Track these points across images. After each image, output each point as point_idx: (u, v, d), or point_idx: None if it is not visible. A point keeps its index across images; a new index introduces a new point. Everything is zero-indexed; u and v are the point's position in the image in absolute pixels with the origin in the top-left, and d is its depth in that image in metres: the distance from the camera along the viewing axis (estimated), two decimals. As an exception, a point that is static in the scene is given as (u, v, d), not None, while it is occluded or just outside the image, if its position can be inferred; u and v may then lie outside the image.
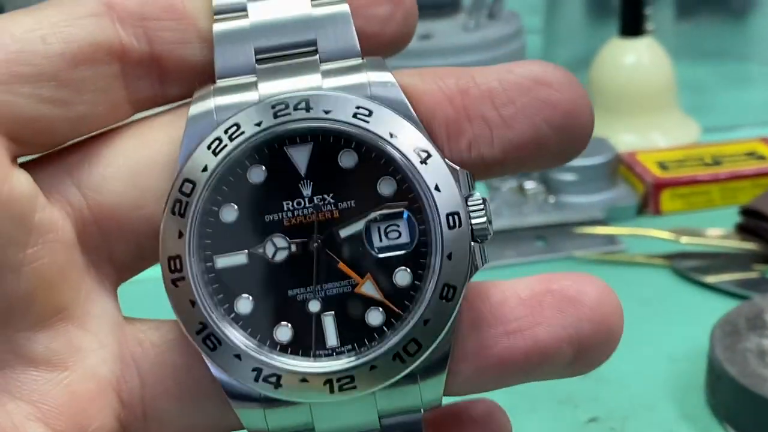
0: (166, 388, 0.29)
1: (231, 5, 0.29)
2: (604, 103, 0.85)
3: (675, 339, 0.59)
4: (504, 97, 0.29)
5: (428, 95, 0.29)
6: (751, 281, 0.64)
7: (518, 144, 0.29)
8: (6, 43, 0.27)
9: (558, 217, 0.73)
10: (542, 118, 0.29)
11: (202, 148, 0.28)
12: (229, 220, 0.28)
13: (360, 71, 0.29)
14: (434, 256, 0.28)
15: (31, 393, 0.28)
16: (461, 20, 0.84)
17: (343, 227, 0.28)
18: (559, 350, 0.29)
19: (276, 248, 0.28)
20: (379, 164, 0.28)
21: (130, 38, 0.28)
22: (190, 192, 0.28)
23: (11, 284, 0.27)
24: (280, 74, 0.28)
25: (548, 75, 0.29)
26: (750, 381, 0.49)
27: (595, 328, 0.29)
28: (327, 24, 0.29)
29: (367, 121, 0.28)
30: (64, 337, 0.29)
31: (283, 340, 0.28)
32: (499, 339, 0.29)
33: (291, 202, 0.28)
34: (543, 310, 0.29)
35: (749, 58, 1.01)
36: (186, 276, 0.28)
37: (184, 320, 0.28)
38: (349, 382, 0.28)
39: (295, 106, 0.28)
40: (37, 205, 0.28)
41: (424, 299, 0.28)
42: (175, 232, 0.28)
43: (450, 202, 0.28)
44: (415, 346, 0.28)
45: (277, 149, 0.28)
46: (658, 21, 0.91)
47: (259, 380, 0.28)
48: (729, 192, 0.75)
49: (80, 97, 0.28)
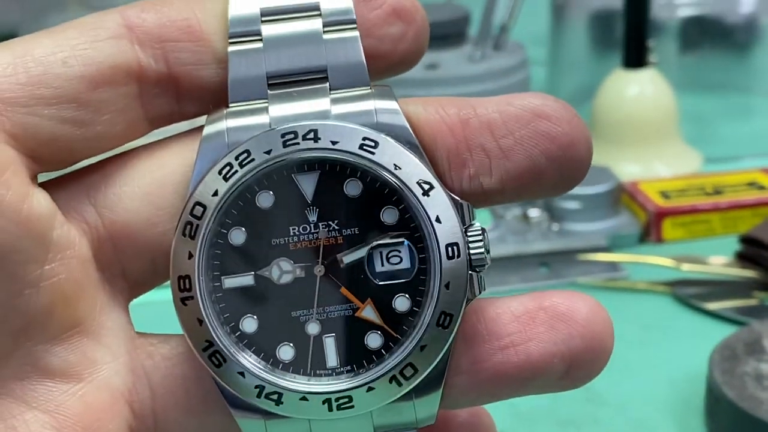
0: (176, 399, 0.30)
1: (246, 31, 0.30)
2: (607, 133, 0.86)
3: (675, 363, 0.60)
4: (503, 129, 0.29)
5: (431, 124, 0.30)
6: (750, 308, 0.65)
7: (516, 174, 0.29)
8: (29, 66, 0.28)
9: (561, 244, 0.74)
10: (540, 151, 0.29)
11: (213, 173, 0.28)
12: (237, 242, 0.29)
13: (368, 99, 0.29)
14: (433, 284, 0.29)
15: (47, 403, 0.29)
16: (467, 51, 0.85)
17: (347, 254, 0.29)
18: (551, 365, 0.30)
19: (282, 271, 0.29)
20: (383, 194, 0.29)
21: (148, 59, 0.29)
22: (201, 215, 0.28)
23: (31, 300, 0.28)
24: (290, 99, 0.29)
25: (547, 108, 0.29)
26: (748, 404, 0.50)
27: (586, 344, 0.30)
28: (338, 52, 0.30)
29: (372, 152, 0.29)
30: (79, 350, 0.29)
31: (286, 359, 0.29)
32: (493, 354, 0.30)
33: (297, 227, 0.29)
34: (535, 327, 0.30)
35: (751, 90, 1.01)
36: (195, 295, 0.28)
37: (192, 338, 0.29)
38: (347, 401, 0.29)
39: (304, 135, 0.28)
40: (55, 222, 0.28)
41: (422, 326, 0.29)
42: (185, 253, 0.28)
43: (450, 233, 0.29)
44: (412, 370, 0.29)
45: (285, 176, 0.29)
46: (662, 53, 0.92)
47: (261, 396, 0.29)
48: (729, 221, 0.76)
49: (99, 118, 0.29)
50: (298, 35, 0.30)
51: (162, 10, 0.30)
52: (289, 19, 0.30)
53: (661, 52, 0.91)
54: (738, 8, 1.00)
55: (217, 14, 0.30)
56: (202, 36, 0.30)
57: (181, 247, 0.29)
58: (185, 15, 0.30)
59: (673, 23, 0.99)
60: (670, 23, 0.99)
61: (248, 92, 0.30)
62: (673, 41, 0.99)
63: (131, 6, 0.30)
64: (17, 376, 0.29)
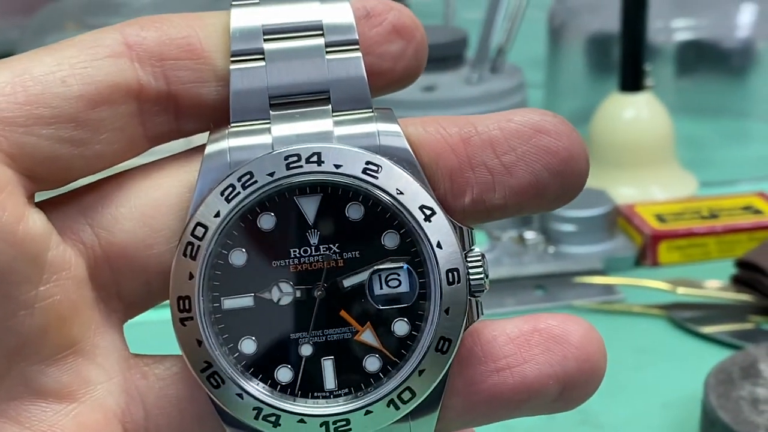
0: (169, 420, 0.30)
1: (248, 49, 0.29)
2: (603, 156, 0.86)
3: (670, 386, 0.59)
4: (505, 145, 0.29)
5: (432, 144, 0.30)
6: (746, 332, 0.65)
7: (519, 190, 0.29)
8: (27, 85, 0.28)
9: (557, 266, 0.74)
10: (542, 165, 0.29)
11: (215, 194, 0.28)
12: (237, 264, 0.28)
13: (370, 122, 0.29)
14: (432, 309, 0.29)
15: (40, 423, 0.29)
16: (465, 73, 0.85)
17: (347, 277, 0.29)
18: (546, 387, 0.30)
19: (282, 293, 0.29)
20: (384, 218, 0.29)
21: (148, 78, 0.29)
22: (202, 236, 0.28)
23: (25, 321, 0.28)
24: (293, 119, 0.29)
25: (547, 123, 0.29)
26: (743, 428, 0.49)
27: (580, 366, 0.30)
28: (341, 73, 0.30)
29: (376, 176, 0.28)
30: (73, 370, 0.29)
31: (284, 381, 0.29)
32: (489, 375, 0.30)
33: (298, 249, 0.29)
34: (530, 349, 0.30)
35: (747, 114, 1.01)
36: (194, 316, 0.28)
37: (191, 358, 0.28)
38: (344, 424, 0.29)
39: (307, 158, 0.28)
40: (50, 243, 0.28)
41: (421, 350, 0.29)
42: (185, 274, 0.28)
43: (450, 258, 0.29)
44: (410, 394, 0.29)
45: (287, 198, 0.29)
46: (659, 77, 0.92)
47: (259, 418, 0.28)
48: (725, 245, 0.76)
49: (97, 137, 0.29)
50: (301, 53, 0.30)
51: (161, 27, 0.29)
52: (291, 38, 0.30)
53: (657, 76, 0.91)
54: (734, 33, 1.00)
55: (217, 31, 0.30)
56: (202, 54, 0.29)
57: (182, 268, 0.28)
58: (185, 33, 0.29)
59: (669, 47, 0.99)
60: (667, 47, 0.99)
61: (250, 111, 0.29)
62: (670, 65, 1.00)
63: (130, 23, 0.29)
64: (10, 397, 0.29)
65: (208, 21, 0.30)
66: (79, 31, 0.96)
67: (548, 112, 0.30)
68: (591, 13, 1.01)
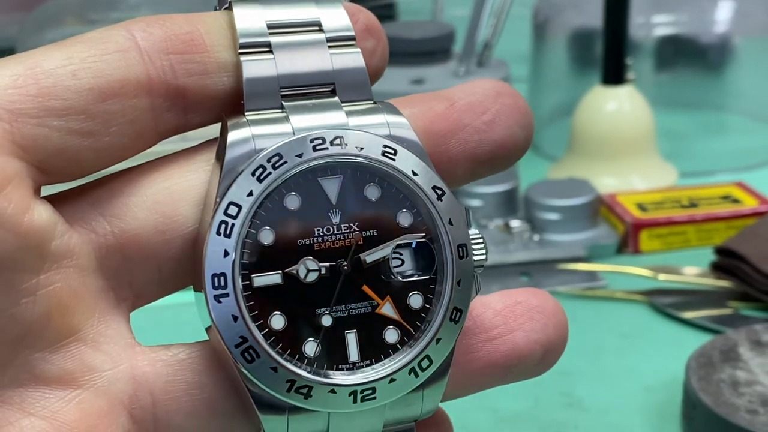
0: (179, 404, 0.30)
1: (256, 42, 0.30)
2: (586, 147, 0.86)
3: (653, 370, 0.59)
4: (481, 107, 0.32)
5: (425, 120, 0.32)
6: (725, 317, 0.65)
7: (502, 144, 0.32)
8: (39, 78, 0.28)
9: (542, 254, 0.74)
10: (513, 121, 0.32)
11: (246, 175, 0.29)
12: (266, 242, 0.29)
13: (379, 113, 0.30)
14: (446, 282, 0.30)
15: (44, 410, 0.28)
16: (452, 67, 0.84)
17: (369, 253, 0.30)
18: (533, 352, 0.32)
19: (308, 270, 0.29)
20: (398, 198, 0.30)
21: (157, 72, 0.29)
22: (236, 215, 0.28)
23: (28, 308, 0.28)
24: (308, 111, 0.30)
25: (502, 87, 0.33)
26: (724, 410, 0.49)
27: (557, 331, 0.33)
28: (344, 67, 0.31)
29: (393, 159, 0.30)
30: (77, 357, 0.29)
31: (311, 354, 0.29)
32: (483, 344, 0.32)
33: (321, 228, 0.29)
34: (516, 319, 0.32)
35: (725, 107, 1.02)
36: (230, 293, 0.28)
37: (226, 334, 0.28)
38: (370, 393, 0.29)
39: (331, 141, 0.29)
40: (55, 233, 0.28)
41: (437, 320, 0.30)
42: (220, 252, 0.28)
43: (460, 235, 0.30)
44: (428, 362, 0.30)
45: (310, 179, 0.29)
46: (639, 72, 0.92)
47: (292, 390, 0.29)
48: (705, 233, 0.76)
49: (107, 129, 0.29)
50: (306, 45, 0.31)
51: (165, 24, 0.29)
52: (294, 32, 0.31)
53: (638, 70, 0.91)
54: (712, 29, 1.00)
55: (219, 27, 0.30)
56: (206, 48, 0.30)
57: (216, 246, 0.28)
58: (188, 29, 0.30)
59: (650, 42, 0.99)
60: (647, 42, 0.99)
61: (263, 101, 0.30)
62: (650, 60, 1.00)
63: (135, 21, 0.30)
64: (14, 384, 0.28)
65: (209, 19, 0.30)
66: (79, 26, 0.95)
67: (496, 80, 0.33)
68: (574, 9, 1.01)
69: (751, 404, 0.49)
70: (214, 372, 0.30)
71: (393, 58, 0.84)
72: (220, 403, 0.30)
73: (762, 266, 0.65)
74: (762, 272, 0.65)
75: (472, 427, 0.54)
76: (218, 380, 0.30)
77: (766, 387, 0.51)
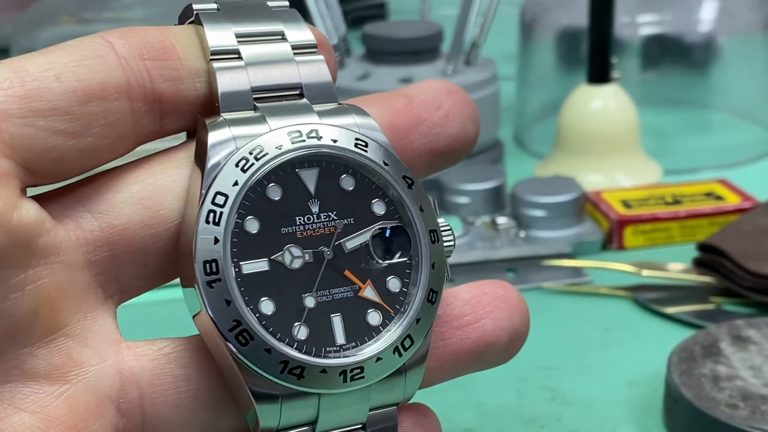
0: (166, 397, 0.30)
1: (226, 49, 0.31)
2: (572, 144, 0.86)
3: (635, 365, 0.59)
4: (436, 104, 0.34)
5: (389, 117, 0.34)
6: (707, 312, 0.65)
7: (457, 137, 0.34)
8: (25, 80, 0.28)
9: (528, 250, 0.74)
10: (465, 115, 0.34)
11: (230, 166, 0.30)
12: (251, 230, 0.30)
13: (347, 114, 0.32)
14: (422, 266, 0.32)
15: (33, 405, 0.29)
16: (440, 66, 0.84)
17: (349, 239, 0.31)
18: (500, 339, 0.34)
19: (293, 257, 0.30)
20: (371, 188, 0.32)
21: (135, 76, 0.30)
22: (223, 203, 0.29)
23: (16, 304, 0.28)
24: (283, 112, 0.31)
25: (451, 85, 0.35)
26: (704, 404, 0.49)
27: (521, 320, 0.34)
28: (310, 72, 0.32)
29: (365, 150, 0.31)
30: (65, 353, 0.29)
31: (301, 337, 0.30)
32: (454, 332, 0.34)
33: (302, 217, 0.31)
34: (484, 307, 0.34)
35: (709, 106, 1.02)
36: (222, 277, 0.29)
37: (219, 319, 0.29)
38: (359, 372, 0.30)
39: (308, 134, 0.30)
40: (42, 230, 0.28)
41: (416, 301, 0.31)
42: (210, 240, 0.29)
43: (431, 221, 0.32)
44: (410, 341, 0.31)
45: (289, 171, 0.30)
46: (625, 70, 0.92)
47: (285, 372, 0.29)
48: (688, 229, 0.76)
49: (90, 130, 0.29)
50: (274, 54, 0.32)
51: (139, 34, 0.30)
52: (261, 42, 0.32)
53: (623, 68, 0.91)
54: (697, 28, 1.00)
55: (188, 37, 0.31)
56: (178, 55, 0.31)
57: (206, 234, 0.29)
58: (160, 38, 0.31)
59: (635, 41, 0.99)
60: (633, 41, 0.99)
61: (237, 103, 0.31)
62: (635, 58, 1.00)
63: (110, 32, 0.30)
64: (3, 380, 0.29)
65: (177, 30, 0.31)
66: (73, 24, 0.95)
67: (444, 80, 0.35)
68: (561, 9, 1.01)
69: (731, 399, 0.49)
70: (200, 364, 0.31)
71: (381, 57, 0.84)
72: (207, 394, 0.30)
73: (744, 262, 0.65)
74: (744, 268, 0.65)
75: (458, 420, 0.54)
76: (204, 372, 0.30)
77: (746, 382, 0.51)
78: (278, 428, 0.31)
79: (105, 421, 0.29)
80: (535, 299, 0.67)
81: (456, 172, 0.77)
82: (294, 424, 0.31)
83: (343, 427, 0.32)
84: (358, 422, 0.32)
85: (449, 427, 0.53)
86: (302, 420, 0.31)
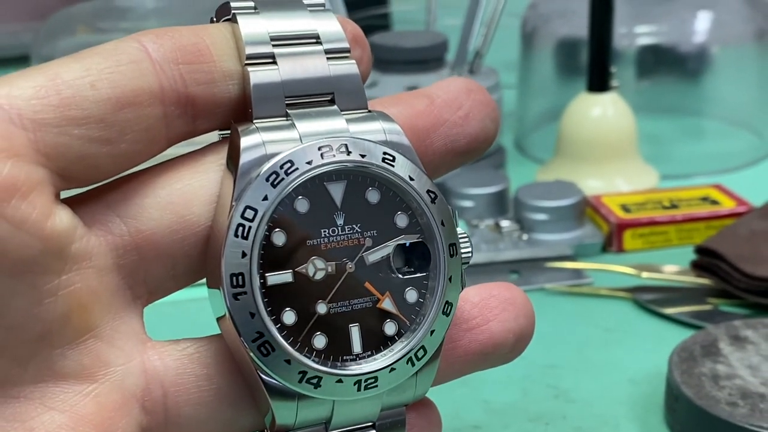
0: (188, 396, 0.30)
1: (261, 53, 0.30)
2: (572, 151, 0.86)
3: (636, 364, 0.59)
4: (457, 103, 0.33)
5: (412, 118, 0.33)
6: (705, 313, 0.64)
7: (476, 136, 0.34)
8: (60, 88, 0.28)
9: (531, 252, 0.73)
10: (485, 114, 0.34)
11: (260, 180, 0.29)
12: (278, 243, 0.29)
13: (375, 120, 0.31)
14: (439, 278, 0.31)
15: (63, 404, 0.29)
16: (445, 74, 0.84)
17: (372, 252, 0.31)
18: (507, 340, 0.34)
19: (316, 268, 0.30)
20: (395, 201, 0.31)
21: (168, 81, 0.29)
22: (252, 218, 0.29)
23: (49, 308, 0.28)
24: (311, 118, 0.31)
25: (472, 85, 0.34)
26: (705, 402, 0.49)
27: (527, 321, 0.34)
28: (342, 78, 0.31)
29: (393, 165, 0.31)
30: (93, 353, 0.29)
31: (319, 347, 0.30)
32: (464, 334, 0.33)
33: (327, 229, 0.30)
34: (491, 310, 0.34)
35: (703, 113, 1.01)
36: (248, 290, 0.29)
37: (243, 330, 0.29)
38: (373, 381, 0.30)
39: (337, 149, 0.30)
40: (75, 237, 0.28)
41: (431, 314, 0.31)
42: (238, 253, 0.29)
43: (450, 234, 0.32)
44: (423, 351, 0.31)
45: (318, 184, 0.30)
46: (622, 79, 0.92)
47: (303, 381, 0.29)
48: (685, 233, 0.75)
49: (123, 137, 0.29)
50: (308, 57, 0.31)
51: (174, 36, 0.30)
52: (296, 44, 0.31)
53: (621, 77, 0.91)
54: (691, 39, 1.00)
55: (223, 38, 0.30)
56: (212, 58, 0.30)
57: (234, 247, 0.29)
58: (194, 40, 0.30)
59: (632, 51, 0.99)
60: (630, 51, 0.99)
61: (270, 109, 0.30)
62: (632, 68, 1.00)
63: (145, 33, 0.30)
64: (35, 380, 0.28)
65: (213, 30, 0.31)
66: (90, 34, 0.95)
67: (465, 79, 0.35)
68: (561, 20, 1.01)
69: (731, 397, 0.49)
70: (221, 365, 0.31)
71: (388, 66, 0.84)
72: (228, 393, 0.30)
73: (740, 265, 0.65)
74: (740, 270, 0.65)
75: (466, 417, 0.54)
76: (225, 372, 0.30)
77: (745, 380, 0.51)
78: (294, 426, 0.31)
79: (130, 418, 0.29)
80: (537, 300, 0.67)
81: (461, 177, 0.77)
82: (309, 423, 0.31)
83: (355, 424, 0.32)
84: (369, 420, 0.32)
85: (458, 425, 0.53)
86: (317, 419, 0.31)
